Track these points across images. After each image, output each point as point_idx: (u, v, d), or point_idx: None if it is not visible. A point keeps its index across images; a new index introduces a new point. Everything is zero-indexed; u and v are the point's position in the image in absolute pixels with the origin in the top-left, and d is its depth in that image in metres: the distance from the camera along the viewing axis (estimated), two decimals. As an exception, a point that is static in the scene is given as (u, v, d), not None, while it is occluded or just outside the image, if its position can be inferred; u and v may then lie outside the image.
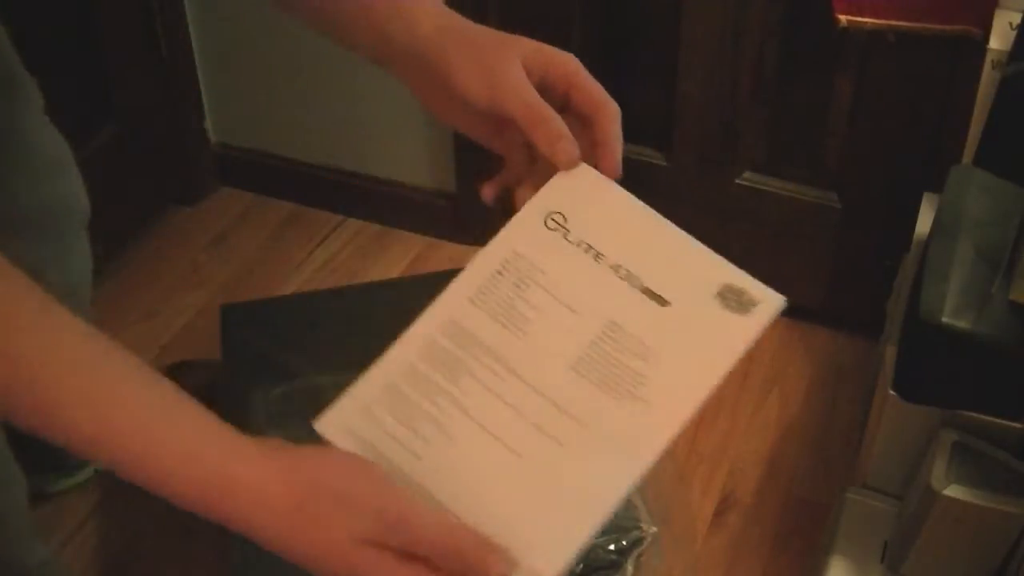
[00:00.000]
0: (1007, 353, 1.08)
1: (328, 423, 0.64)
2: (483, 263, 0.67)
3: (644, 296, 0.64)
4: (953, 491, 1.11)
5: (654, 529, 1.23)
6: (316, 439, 0.62)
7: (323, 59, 1.91)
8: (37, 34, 1.76)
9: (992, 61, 1.29)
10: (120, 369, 0.57)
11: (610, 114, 0.68)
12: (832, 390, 1.76)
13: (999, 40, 1.29)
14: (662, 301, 0.64)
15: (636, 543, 1.21)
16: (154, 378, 0.60)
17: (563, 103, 0.69)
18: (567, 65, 0.69)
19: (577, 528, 0.58)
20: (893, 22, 1.48)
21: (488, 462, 0.61)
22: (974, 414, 1.15)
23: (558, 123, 0.67)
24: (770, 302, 0.64)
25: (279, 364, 1.43)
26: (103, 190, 1.90)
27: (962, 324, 1.09)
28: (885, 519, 1.29)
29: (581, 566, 1.19)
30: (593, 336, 0.63)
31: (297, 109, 2.05)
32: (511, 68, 0.67)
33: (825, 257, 1.78)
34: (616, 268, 0.65)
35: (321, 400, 0.64)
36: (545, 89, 0.68)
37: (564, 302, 0.65)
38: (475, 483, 0.60)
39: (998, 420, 1.14)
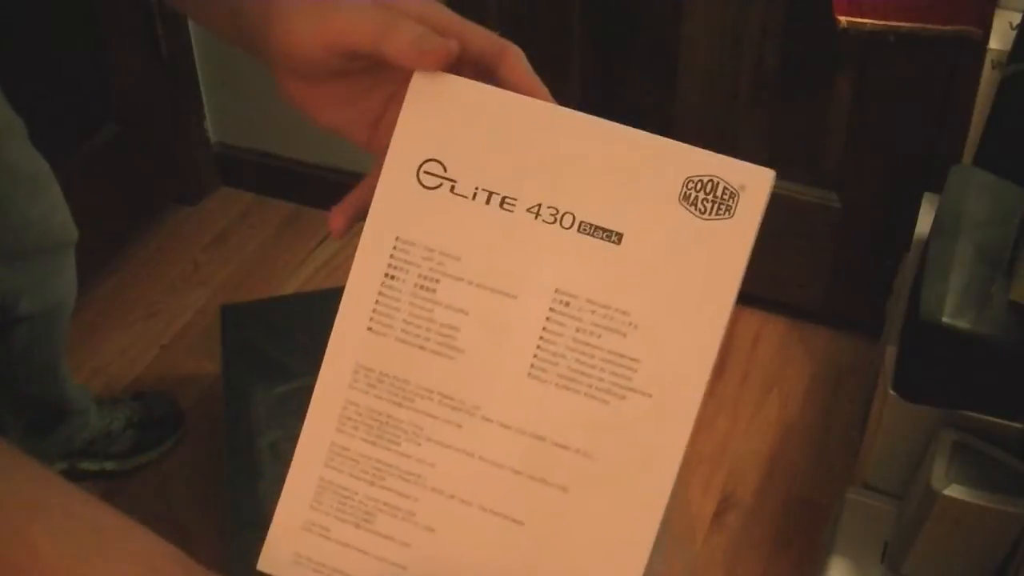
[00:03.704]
0: (1007, 353, 1.08)
1: (272, 559, 0.50)
2: (365, 269, 0.50)
3: (585, 236, 0.47)
4: (953, 491, 1.11)
5: (654, 529, 1.23)
6: None
7: (323, 59, 1.91)
8: (38, 35, 1.77)
9: (992, 61, 1.29)
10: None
11: (514, 53, 0.51)
12: (832, 390, 1.76)
13: (999, 40, 1.29)
14: (612, 236, 0.47)
15: (636, 543, 1.21)
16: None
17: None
18: (433, 7, 0.51)
19: None
20: (893, 23, 1.48)
21: (486, 544, 0.47)
22: (974, 414, 1.15)
23: (412, 25, 0.49)
24: (755, 184, 0.46)
25: (279, 364, 1.43)
26: (103, 190, 1.91)
27: (962, 324, 1.09)
28: (885, 519, 1.29)
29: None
30: (543, 320, 0.47)
31: (297, 109, 2.04)
32: (357, 2, 0.51)
33: (825, 257, 1.78)
34: (536, 210, 0.47)
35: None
36: None
37: (488, 287, 0.48)
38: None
39: (998, 420, 1.14)
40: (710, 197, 0.46)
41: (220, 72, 2.07)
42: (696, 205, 0.46)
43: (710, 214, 0.46)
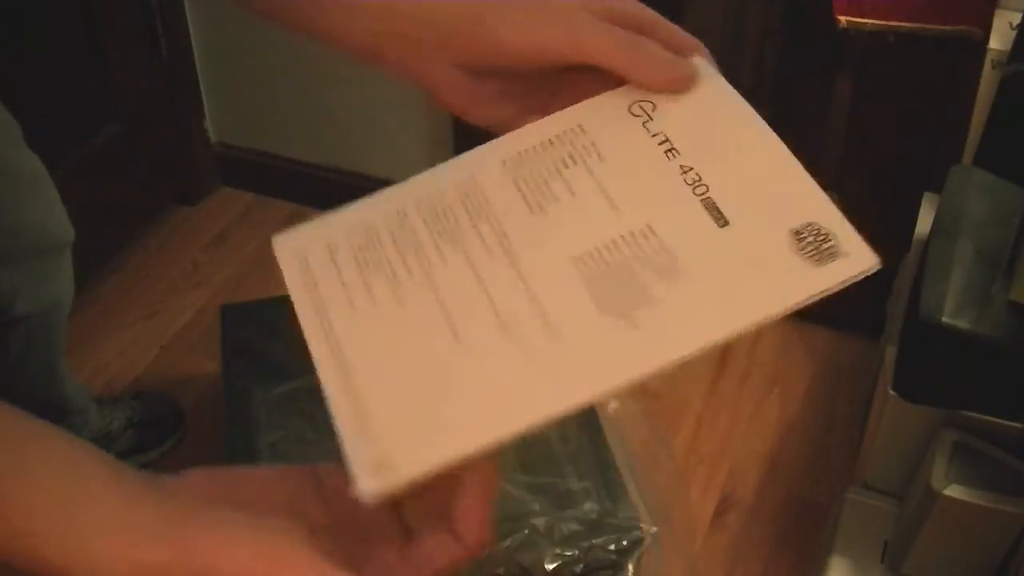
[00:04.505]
0: (1007, 353, 1.08)
1: (287, 242, 0.59)
2: (539, 128, 0.56)
3: (703, 208, 0.51)
4: (953, 491, 1.11)
5: (654, 529, 1.23)
6: (315, 437, 0.55)
7: (323, 59, 1.91)
8: (38, 35, 1.77)
9: (992, 61, 1.29)
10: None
11: (694, 45, 0.57)
12: (832, 390, 1.76)
13: (999, 40, 1.29)
14: (722, 219, 0.51)
15: (636, 543, 1.21)
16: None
17: None
18: (639, 9, 0.56)
19: (454, 440, 0.47)
20: (893, 22, 1.48)
21: (420, 337, 0.51)
22: (974, 414, 1.15)
23: (656, 47, 0.54)
24: (858, 259, 0.49)
25: (279, 364, 1.43)
26: (103, 190, 1.91)
27: (962, 324, 1.09)
28: (885, 519, 1.29)
29: (581, 566, 1.19)
30: (618, 235, 0.51)
31: (297, 109, 2.05)
32: (575, 8, 0.54)
33: (825, 257, 1.78)
34: (686, 170, 0.53)
35: (321, 400, 0.58)
36: None
37: (607, 192, 0.53)
38: (392, 357, 0.51)
39: (998, 420, 1.14)
40: (816, 244, 0.50)
41: (220, 72, 2.07)
42: (801, 242, 0.50)
43: (805, 255, 0.50)
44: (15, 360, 1.39)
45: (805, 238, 0.50)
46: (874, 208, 1.70)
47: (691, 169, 0.53)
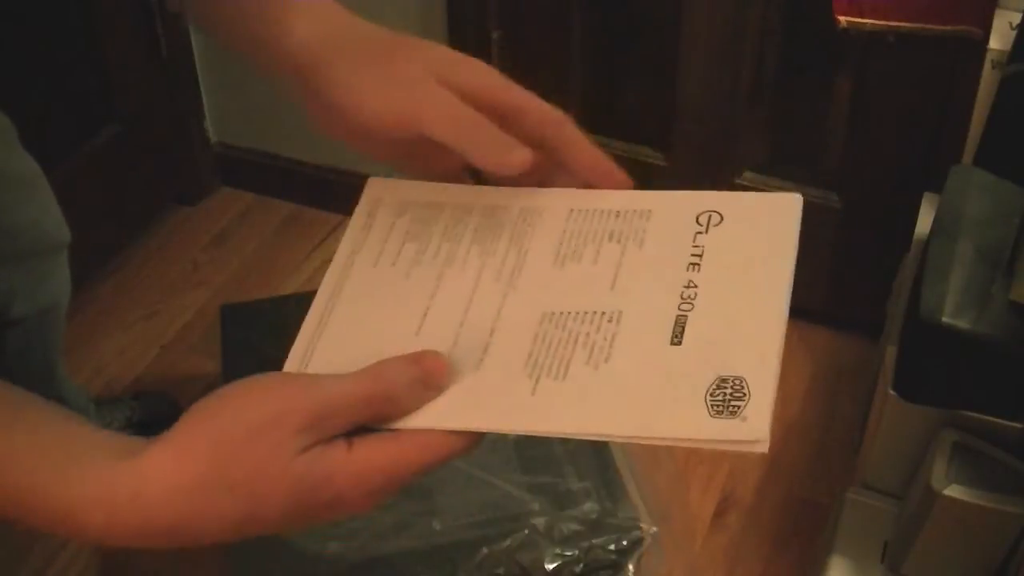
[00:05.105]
0: (1007, 353, 1.08)
1: (378, 187, 0.64)
2: (618, 197, 0.59)
3: (672, 322, 0.53)
4: (953, 491, 1.11)
5: (654, 529, 1.23)
6: None
7: (323, 59, 1.91)
8: (38, 35, 1.76)
9: (992, 61, 1.29)
10: None
11: (561, 119, 0.57)
12: (832, 390, 1.76)
13: (999, 40, 1.29)
14: (678, 339, 0.52)
15: (636, 543, 1.21)
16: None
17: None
18: (487, 74, 0.56)
19: None
20: (893, 22, 1.48)
21: (395, 314, 0.56)
22: (974, 414, 1.15)
23: (496, 130, 0.54)
24: (751, 429, 0.48)
25: (279, 364, 1.42)
26: (103, 190, 1.91)
27: (962, 324, 1.09)
28: (885, 519, 1.29)
29: (581, 566, 1.19)
30: (592, 309, 0.54)
31: (297, 109, 2.04)
32: (420, 78, 0.54)
33: (825, 257, 1.78)
34: (690, 285, 0.54)
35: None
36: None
37: (619, 274, 0.56)
38: (367, 316, 0.57)
39: (998, 420, 1.14)
40: (726, 397, 0.49)
41: (220, 72, 2.07)
42: (721, 387, 0.50)
43: (712, 399, 0.49)
44: (13, 361, 1.39)
45: (725, 387, 0.50)
46: (874, 208, 1.70)
47: (695, 287, 0.54)
